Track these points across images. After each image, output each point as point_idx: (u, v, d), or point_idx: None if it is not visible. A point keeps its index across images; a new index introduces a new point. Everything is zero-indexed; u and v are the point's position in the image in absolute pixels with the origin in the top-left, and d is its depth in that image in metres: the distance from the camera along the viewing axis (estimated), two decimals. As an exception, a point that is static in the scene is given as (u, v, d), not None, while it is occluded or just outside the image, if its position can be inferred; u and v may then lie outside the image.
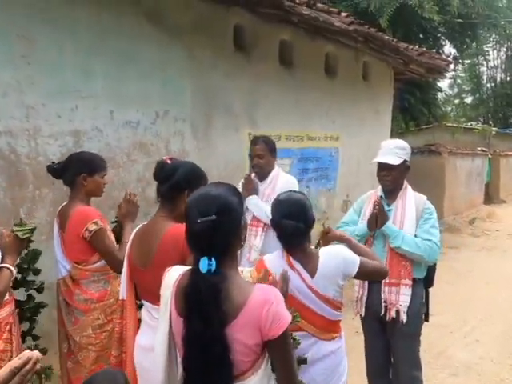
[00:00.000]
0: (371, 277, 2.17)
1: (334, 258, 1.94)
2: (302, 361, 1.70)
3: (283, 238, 1.94)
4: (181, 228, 1.73)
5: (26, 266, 2.32)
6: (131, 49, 3.55)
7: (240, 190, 3.12)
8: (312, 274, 1.90)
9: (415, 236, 2.52)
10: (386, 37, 6.07)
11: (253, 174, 3.16)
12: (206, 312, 1.22)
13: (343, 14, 5.42)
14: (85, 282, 2.29)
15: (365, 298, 2.64)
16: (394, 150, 2.55)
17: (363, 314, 2.69)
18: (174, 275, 1.41)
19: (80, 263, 2.29)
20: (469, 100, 27.52)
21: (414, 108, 10.35)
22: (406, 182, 2.69)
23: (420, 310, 2.59)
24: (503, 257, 7.64)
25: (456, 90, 27.64)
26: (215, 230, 1.27)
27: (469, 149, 11.42)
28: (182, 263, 1.62)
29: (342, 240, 2.21)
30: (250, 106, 4.77)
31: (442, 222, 9.53)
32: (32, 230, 2.14)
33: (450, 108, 26.63)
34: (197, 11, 4.09)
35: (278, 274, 1.86)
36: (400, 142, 2.63)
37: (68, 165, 2.37)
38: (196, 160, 4.13)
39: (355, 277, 2.00)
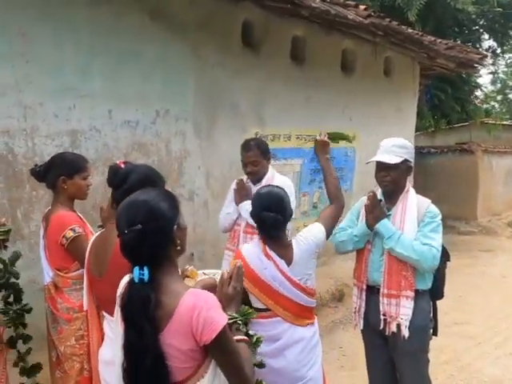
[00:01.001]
0: (335, 223, 2.33)
1: (305, 243, 2.10)
2: (259, 365, 1.59)
3: (262, 229, 2.07)
4: None
5: (3, 269, 2.26)
6: (132, 47, 3.48)
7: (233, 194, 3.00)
8: (288, 262, 2.05)
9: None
10: (410, 30, 5.75)
11: (245, 177, 3.00)
12: (136, 321, 1.22)
13: (361, 7, 5.17)
14: (67, 290, 2.23)
15: (363, 310, 2.42)
16: (393, 149, 2.33)
17: (361, 327, 2.47)
18: (123, 283, 1.39)
19: (61, 270, 2.24)
20: (513, 96, 26.19)
21: (444, 105, 9.83)
22: (408, 185, 2.44)
23: (425, 325, 2.33)
24: (545, 261, 7.10)
25: (499, 85, 26.40)
26: (143, 239, 1.25)
27: (508, 146, 10.78)
28: None
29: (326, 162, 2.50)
30: (259, 104, 4.60)
31: (475, 223, 9.06)
32: (7, 232, 2.10)
33: (492, 105, 25.46)
34: (202, 7, 3.97)
35: (254, 262, 2.03)
36: (400, 141, 2.40)
37: (49, 167, 2.30)
38: (198, 160, 4.11)
39: (326, 238, 2.18)
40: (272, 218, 2.00)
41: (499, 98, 26.60)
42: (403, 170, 2.35)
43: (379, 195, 2.45)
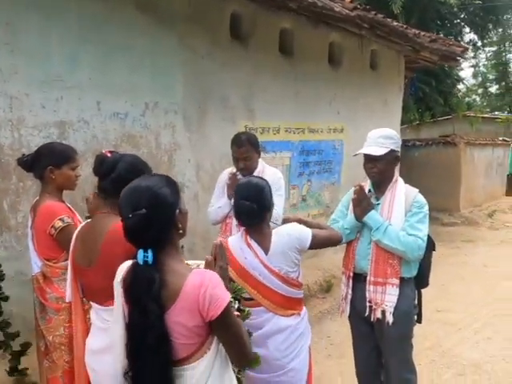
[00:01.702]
0: (326, 244, 2.28)
1: (286, 235, 2.10)
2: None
3: (239, 217, 2.12)
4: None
5: None
6: (120, 37, 3.45)
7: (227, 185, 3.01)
8: (266, 251, 2.07)
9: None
10: (395, 23, 5.82)
11: (235, 169, 3.00)
12: (142, 302, 1.27)
13: (347, 0, 5.22)
14: (56, 279, 2.22)
15: (349, 297, 2.49)
16: (379, 140, 2.38)
17: (347, 314, 2.54)
18: (123, 267, 1.44)
19: (50, 260, 2.23)
20: (493, 89, 26.64)
21: (429, 98, 10.01)
22: (397, 175, 2.50)
23: (410, 311, 2.41)
24: (525, 250, 7.31)
25: (480, 79, 26.79)
26: (147, 223, 1.30)
27: (489, 139, 11.01)
28: (128, 259, 1.55)
29: (299, 222, 2.32)
30: (248, 97, 4.63)
31: (457, 214, 9.25)
32: None
33: (473, 98, 25.85)
34: (190, -1, 3.97)
35: (237, 252, 2.08)
36: (386, 131, 2.44)
37: (36, 157, 2.28)
38: (188, 153, 4.12)
39: (310, 247, 2.13)
40: (247, 207, 2.03)
41: (480, 91, 27.03)
42: (390, 160, 2.41)
43: (368, 186, 2.51)
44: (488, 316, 4.61)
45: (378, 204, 2.44)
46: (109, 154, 1.79)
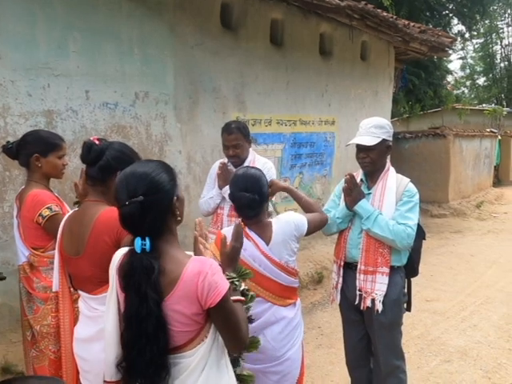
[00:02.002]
0: (318, 228, 2.31)
1: (285, 224, 2.10)
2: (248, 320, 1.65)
3: (240, 209, 2.08)
4: (114, 211, 1.65)
5: None
6: (109, 25, 3.41)
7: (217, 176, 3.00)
8: (267, 241, 2.05)
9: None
10: (384, 13, 5.82)
11: (226, 160, 3.00)
12: (140, 290, 1.25)
13: (337, -10, 5.19)
14: (44, 269, 2.19)
15: (340, 286, 2.51)
16: (371, 130, 2.38)
17: (338, 302, 2.57)
18: (118, 255, 1.42)
19: (38, 249, 2.20)
20: (481, 81, 26.86)
21: (418, 90, 10.05)
22: (388, 164, 2.52)
23: (399, 299, 2.43)
24: (510, 239, 7.43)
25: (468, 71, 26.98)
26: (144, 210, 1.27)
27: (477, 130, 11.11)
28: (117, 248, 1.56)
29: (285, 190, 2.41)
30: (239, 87, 4.61)
31: (446, 206, 9.35)
32: None
33: (461, 90, 26.05)
34: (180, -13, 3.92)
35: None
36: (378, 121, 2.44)
37: (22, 144, 2.23)
38: (180, 145, 4.10)
39: (306, 234, 2.16)
40: (248, 198, 2.01)
41: (468, 83, 27.24)
42: (382, 150, 2.42)
43: (360, 175, 2.52)
44: (475, 304, 4.69)
45: (370, 193, 2.46)
46: (97, 142, 1.76)
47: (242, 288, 1.48)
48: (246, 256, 2.00)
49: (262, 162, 2.94)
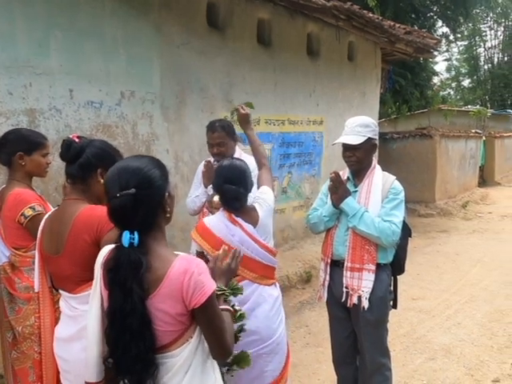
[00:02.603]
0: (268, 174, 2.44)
1: (266, 205, 2.21)
2: (239, 331, 1.70)
3: (226, 201, 2.12)
4: (94, 209, 1.66)
5: None
6: (91, 24, 3.35)
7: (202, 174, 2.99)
8: (254, 224, 2.13)
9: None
10: (370, 14, 5.87)
11: (212, 159, 3.00)
12: (126, 285, 1.24)
13: (324, -9, 5.22)
14: (26, 269, 2.15)
15: (327, 283, 2.52)
16: (356, 129, 2.41)
17: (325, 299, 2.58)
18: (104, 252, 1.40)
19: (19, 249, 2.16)
20: (466, 83, 27.28)
21: (405, 91, 10.16)
22: (374, 162, 2.54)
23: (385, 296, 2.44)
24: (495, 239, 7.54)
25: (453, 73, 27.37)
26: (135, 203, 1.26)
27: (462, 131, 11.25)
28: (97, 246, 1.55)
29: (246, 129, 2.56)
30: (226, 87, 4.59)
31: (433, 205, 9.45)
32: None
33: (447, 91, 26.41)
34: (165, -14, 3.90)
35: (221, 231, 2.08)
36: (364, 120, 2.47)
37: (3, 143, 2.20)
38: (167, 144, 4.07)
39: None
40: (234, 191, 2.07)
41: (453, 85, 27.65)
42: (368, 148, 2.44)
43: (347, 173, 2.54)
44: (459, 302, 4.75)
45: (356, 191, 2.47)
46: (76, 139, 1.74)
47: (232, 303, 1.48)
48: (234, 242, 2.06)
49: (248, 160, 2.93)
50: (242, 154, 3.00)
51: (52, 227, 1.73)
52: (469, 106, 20.41)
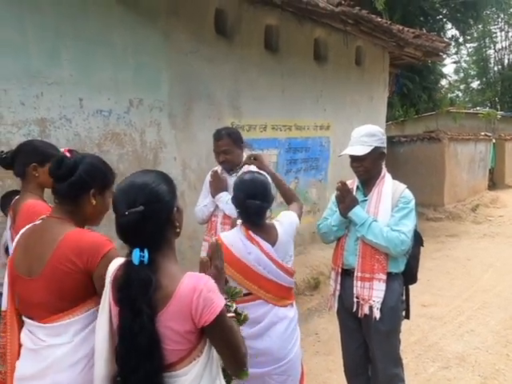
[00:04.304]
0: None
1: (289, 226, 2.18)
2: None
3: (247, 216, 2.08)
4: (83, 234, 1.53)
5: None
6: (102, 32, 3.37)
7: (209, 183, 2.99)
8: (273, 243, 2.08)
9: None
10: (379, 19, 5.84)
11: (219, 168, 2.99)
12: (135, 305, 1.22)
13: (331, -4, 5.21)
14: None
15: (337, 293, 2.50)
16: (362, 139, 2.39)
17: (336, 309, 2.55)
18: (113, 266, 1.38)
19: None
20: (475, 85, 27.05)
21: (413, 94, 10.09)
22: (384, 170, 2.52)
23: (397, 306, 2.42)
24: (507, 243, 7.44)
25: (462, 74, 27.17)
26: (144, 221, 1.25)
27: (471, 134, 11.15)
28: (85, 275, 1.47)
29: (268, 171, 2.48)
30: (234, 93, 4.60)
31: (442, 209, 9.37)
32: None
33: (455, 93, 26.22)
34: (173, -7, 3.91)
35: (237, 248, 2.04)
36: (369, 129, 2.45)
37: (17, 154, 2.21)
38: (175, 151, 4.08)
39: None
40: (258, 206, 2.03)
41: (462, 87, 27.43)
42: (375, 157, 2.42)
43: (356, 183, 2.52)
44: (472, 309, 4.68)
45: (366, 200, 2.45)
46: (68, 154, 1.62)
47: (233, 308, 1.46)
48: (250, 260, 2.03)
49: (256, 168, 2.92)
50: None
51: (28, 245, 1.56)
52: (478, 108, 20.25)
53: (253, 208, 2.03)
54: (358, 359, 2.58)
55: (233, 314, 1.44)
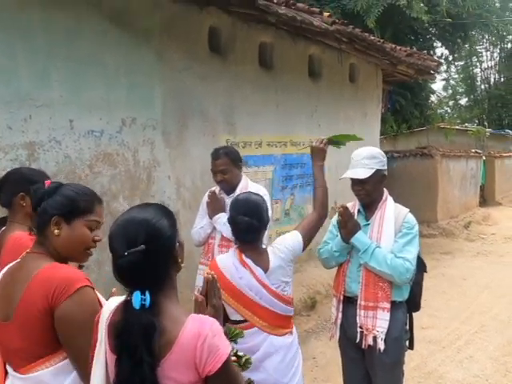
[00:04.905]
0: (314, 232, 2.21)
1: (281, 251, 2.06)
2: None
3: (237, 233, 2.04)
4: (57, 269, 1.39)
5: None
6: (93, 52, 3.29)
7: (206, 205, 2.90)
8: (265, 269, 2.00)
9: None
10: (372, 37, 5.86)
11: (217, 189, 2.90)
12: (136, 353, 1.10)
13: (325, 14, 5.22)
14: None
15: (339, 322, 2.40)
16: (363, 162, 2.32)
17: (337, 338, 2.45)
18: (106, 310, 1.27)
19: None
20: (463, 101, 27.49)
21: (405, 110, 10.18)
22: (386, 193, 2.45)
23: (400, 336, 2.33)
24: (500, 262, 7.38)
25: (450, 91, 27.60)
26: (146, 260, 1.15)
27: (462, 151, 11.23)
28: (50, 316, 1.32)
29: (318, 166, 2.39)
30: (228, 110, 4.53)
31: (435, 225, 9.34)
32: None
33: (444, 110, 26.59)
34: (167, 12, 3.85)
35: (230, 272, 1.97)
36: (370, 151, 2.38)
37: (4, 183, 2.10)
38: (169, 170, 3.98)
39: (303, 249, 2.11)
40: (246, 222, 1.97)
41: (451, 103, 27.86)
42: (377, 180, 2.35)
43: (358, 206, 2.44)
44: (470, 333, 4.59)
45: (368, 224, 2.37)
46: (47, 184, 1.54)
47: (234, 351, 1.34)
48: (241, 285, 1.96)
49: (254, 188, 2.85)
50: (249, 182, 2.91)
51: (5, 285, 1.43)
52: (466, 125, 20.50)
53: (241, 224, 1.98)
54: (362, 391, 2.47)
55: (234, 358, 1.32)
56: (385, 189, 2.46)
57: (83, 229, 1.46)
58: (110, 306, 1.27)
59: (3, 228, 2.13)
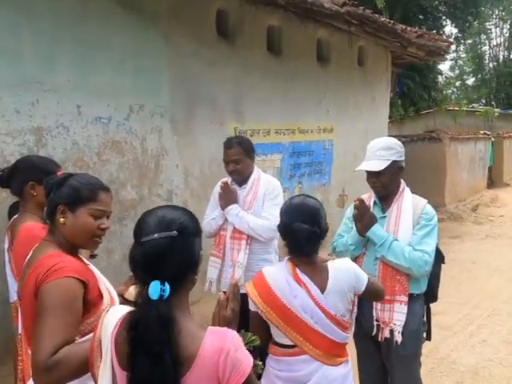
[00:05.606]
0: (373, 297, 2.00)
1: (346, 271, 1.79)
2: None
3: (294, 244, 1.76)
4: (51, 259, 1.41)
5: None
6: (99, 36, 3.22)
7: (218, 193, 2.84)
8: (322, 289, 1.73)
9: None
10: (383, 19, 5.71)
11: (229, 179, 2.83)
12: (155, 349, 1.02)
13: (336, -5, 5.07)
14: None
15: (354, 315, 2.35)
16: (379, 153, 2.24)
17: (353, 332, 2.41)
18: (110, 320, 1.17)
19: (29, 287, 1.99)
20: (470, 81, 27.07)
21: (413, 93, 10.01)
22: (403, 184, 2.37)
23: (418, 329, 2.29)
24: (509, 245, 7.32)
25: (457, 71, 27.17)
26: (173, 250, 1.10)
27: (471, 133, 11.06)
28: (36, 301, 1.35)
29: None
30: (236, 97, 4.45)
31: (443, 210, 9.26)
32: None
33: (450, 91, 26.23)
34: (174, -5, 3.75)
35: (281, 288, 1.71)
36: (386, 142, 2.30)
37: (14, 172, 2.08)
38: (177, 158, 3.92)
39: (363, 293, 1.83)
40: (307, 231, 1.69)
41: (457, 84, 27.44)
42: (393, 172, 2.27)
43: (373, 198, 2.37)
44: (482, 317, 4.57)
45: (385, 217, 2.31)
46: (58, 174, 1.59)
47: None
48: (295, 305, 1.70)
49: (266, 179, 2.79)
50: (262, 173, 2.84)
51: (23, 268, 1.54)
52: (473, 105, 20.21)
53: (302, 232, 1.69)
54: (376, 383, 2.45)
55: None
56: (402, 180, 2.39)
57: (87, 217, 1.49)
58: (114, 317, 1.18)
59: (15, 216, 2.10)
